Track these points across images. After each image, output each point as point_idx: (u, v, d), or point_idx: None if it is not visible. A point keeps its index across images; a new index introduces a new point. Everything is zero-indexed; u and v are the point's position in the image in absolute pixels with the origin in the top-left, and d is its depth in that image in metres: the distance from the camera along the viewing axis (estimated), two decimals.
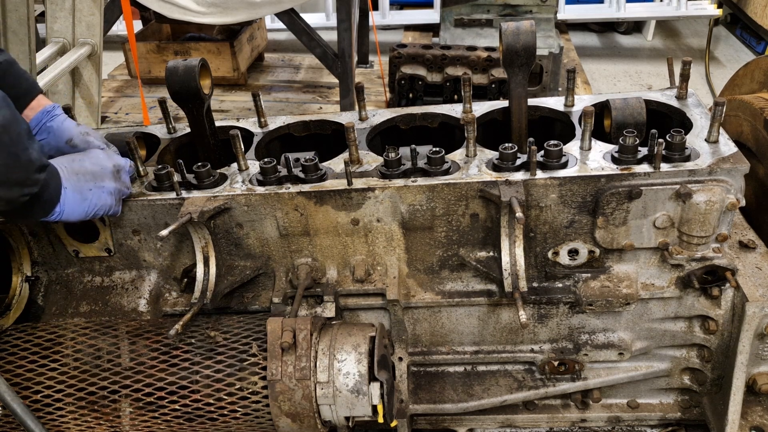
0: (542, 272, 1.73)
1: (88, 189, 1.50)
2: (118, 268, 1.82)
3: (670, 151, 1.55)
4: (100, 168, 1.54)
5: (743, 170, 1.52)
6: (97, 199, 1.52)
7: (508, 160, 1.60)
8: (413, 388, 1.87)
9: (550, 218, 1.63)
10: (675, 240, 1.61)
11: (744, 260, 1.70)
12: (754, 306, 1.58)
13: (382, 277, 1.73)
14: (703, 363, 1.76)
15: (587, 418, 1.92)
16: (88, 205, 1.50)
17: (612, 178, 1.55)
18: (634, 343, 1.77)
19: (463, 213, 1.65)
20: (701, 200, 1.51)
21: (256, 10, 3.82)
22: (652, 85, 5.30)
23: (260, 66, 5.26)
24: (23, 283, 1.80)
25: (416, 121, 1.95)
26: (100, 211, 1.54)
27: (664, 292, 1.68)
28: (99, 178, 1.53)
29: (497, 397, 1.84)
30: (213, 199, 1.64)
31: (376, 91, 4.74)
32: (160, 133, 1.99)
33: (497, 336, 1.83)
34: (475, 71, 3.75)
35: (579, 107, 1.86)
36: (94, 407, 1.61)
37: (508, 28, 1.67)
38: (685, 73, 1.76)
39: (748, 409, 1.75)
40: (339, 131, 1.93)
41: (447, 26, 4.46)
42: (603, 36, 6.32)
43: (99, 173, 1.53)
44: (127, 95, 4.85)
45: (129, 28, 3.70)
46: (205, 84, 1.76)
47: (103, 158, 1.57)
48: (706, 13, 5.66)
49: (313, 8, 5.90)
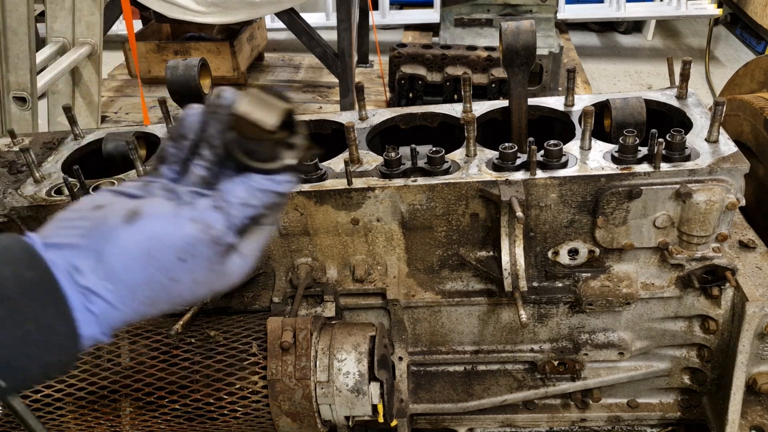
0: (542, 272, 1.73)
1: (154, 300, 0.81)
2: None
3: (670, 151, 1.55)
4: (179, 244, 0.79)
5: (743, 170, 1.52)
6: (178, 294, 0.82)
7: (508, 160, 1.60)
8: (413, 388, 1.87)
9: (550, 218, 1.63)
10: (675, 240, 1.61)
11: (744, 260, 1.70)
12: (754, 305, 1.58)
13: (382, 277, 1.73)
14: (703, 363, 1.76)
15: (587, 418, 1.92)
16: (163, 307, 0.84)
17: (612, 177, 1.55)
18: (634, 343, 1.77)
19: (463, 212, 1.65)
20: (701, 200, 1.51)
21: (256, 9, 3.82)
22: (652, 84, 5.30)
23: (260, 66, 5.27)
24: None
25: (416, 120, 1.95)
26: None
27: (664, 292, 1.68)
28: (172, 269, 0.79)
29: (497, 397, 1.84)
30: None
31: (376, 90, 4.74)
32: (160, 133, 1.99)
33: (497, 336, 1.83)
34: (475, 71, 3.75)
35: (579, 107, 1.86)
36: (94, 406, 1.61)
37: (508, 27, 1.67)
38: (685, 72, 1.76)
39: (748, 408, 1.75)
40: (339, 131, 1.93)
41: (447, 26, 4.46)
42: (603, 36, 6.32)
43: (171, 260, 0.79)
44: (127, 95, 4.85)
45: (129, 27, 3.70)
46: (205, 84, 1.76)
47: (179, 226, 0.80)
48: (706, 13, 5.66)
49: (313, 8, 5.90)
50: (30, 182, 1.77)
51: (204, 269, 0.80)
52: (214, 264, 0.81)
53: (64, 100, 3.50)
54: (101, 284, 0.76)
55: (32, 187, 1.75)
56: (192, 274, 0.79)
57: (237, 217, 0.82)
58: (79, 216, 0.79)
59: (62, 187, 1.72)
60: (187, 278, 0.79)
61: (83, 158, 1.93)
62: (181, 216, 0.79)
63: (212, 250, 0.80)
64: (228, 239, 0.82)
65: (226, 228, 0.81)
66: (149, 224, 0.77)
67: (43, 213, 1.69)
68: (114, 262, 0.76)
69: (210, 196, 0.82)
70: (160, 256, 0.77)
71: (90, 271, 0.76)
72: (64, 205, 1.67)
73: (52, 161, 1.88)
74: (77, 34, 3.38)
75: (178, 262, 0.78)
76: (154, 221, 0.78)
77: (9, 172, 1.86)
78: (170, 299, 0.81)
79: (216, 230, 0.80)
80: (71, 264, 0.76)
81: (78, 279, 0.76)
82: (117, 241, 0.76)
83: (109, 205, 0.80)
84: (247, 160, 0.83)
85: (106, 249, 0.76)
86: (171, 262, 0.78)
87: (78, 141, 1.97)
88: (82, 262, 0.76)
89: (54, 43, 3.36)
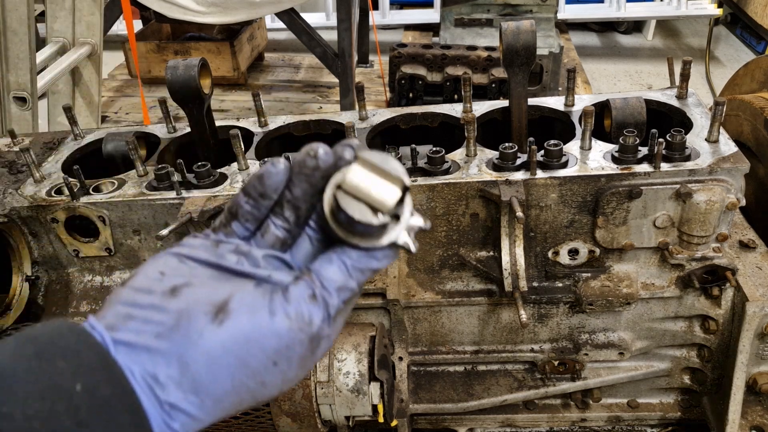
0: (542, 272, 1.73)
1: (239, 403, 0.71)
2: (118, 268, 1.82)
3: (671, 151, 1.55)
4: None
5: (743, 170, 1.52)
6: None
7: (508, 160, 1.60)
8: (413, 388, 1.87)
9: (551, 218, 1.63)
10: (675, 240, 1.61)
11: (744, 260, 1.70)
12: (754, 306, 1.58)
13: (382, 277, 1.73)
14: (703, 363, 1.76)
15: (587, 418, 1.92)
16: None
17: (612, 177, 1.55)
18: (634, 343, 1.77)
19: (463, 212, 1.65)
20: (701, 200, 1.51)
21: (257, 9, 3.82)
22: (653, 84, 5.30)
23: (260, 65, 5.26)
24: (23, 282, 1.80)
25: (416, 120, 1.95)
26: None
27: (664, 292, 1.68)
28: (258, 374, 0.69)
29: (497, 397, 1.84)
30: (213, 199, 1.64)
31: (376, 90, 4.74)
32: (160, 133, 1.99)
33: (497, 336, 1.83)
34: (475, 71, 3.75)
35: (579, 107, 1.86)
36: None
37: (509, 27, 1.67)
38: (685, 72, 1.76)
39: (748, 408, 1.75)
40: (339, 131, 1.93)
41: (447, 26, 4.46)
42: (603, 35, 6.32)
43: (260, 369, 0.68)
44: (127, 95, 4.85)
45: (129, 27, 3.70)
46: (205, 83, 1.76)
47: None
48: (706, 13, 5.65)
49: (313, 8, 5.90)
50: (30, 182, 1.77)
51: (297, 368, 0.69)
52: (307, 360, 0.70)
53: (64, 100, 3.50)
54: (186, 399, 0.64)
55: (32, 187, 1.75)
56: (284, 375, 0.69)
57: (334, 306, 0.70)
58: (151, 304, 0.67)
59: (62, 187, 1.72)
60: (278, 380, 0.68)
61: (83, 158, 1.93)
62: (275, 313, 0.67)
63: (309, 349, 0.69)
64: (325, 333, 0.70)
65: (324, 322, 0.69)
66: (240, 324, 0.66)
67: (43, 213, 1.69)
68: (200, 371, 0.64)
69: (302, 278, 0.70)
70: (252, 362, 0.66)
71: (173, 384, 0.64)
72: (63, 205, 1.68)
73: (53, 161, 1.88)
74: (77, 34, 3.38)
75: (271, 366, 0.67)
76: (244, 320, 0.66)
77: (9, 172, 1.86)
78: (255, 401, 0.70)
79: (315, 326, 0.68)
80: (150, 373, 0.63)
81: (160, 394, 0.63)
82: (203, 346, 0.64)
83: (188, 290, 0.68)
84: (346, 236, 0.69)
85: (190, 355, 0.64)
86: (263, 366, 0.67)
87: (78, 141, 1.97)
88: (162, 371, 0.64)
89: (54, 43, 3.36)
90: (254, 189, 0.74)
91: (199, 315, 0.65)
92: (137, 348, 0.63)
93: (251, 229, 0.75)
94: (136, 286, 0.68)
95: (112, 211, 1.69)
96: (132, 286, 0.69)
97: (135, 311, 0.66)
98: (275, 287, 0.69)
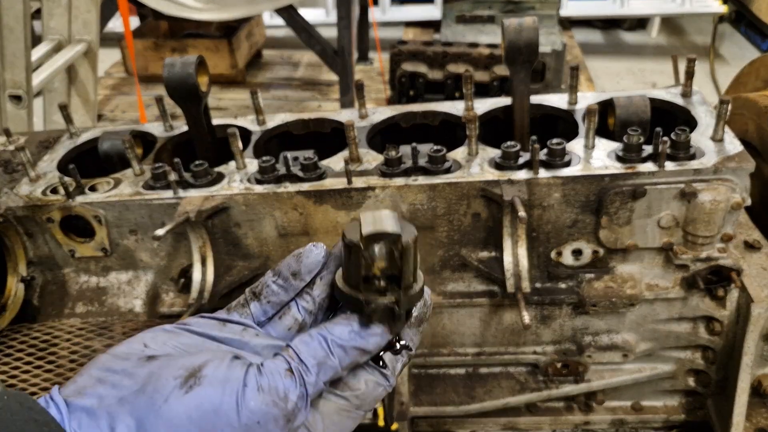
0: (545, 273, 1.70)
1: None
2: (114, 269, 1.79)
3: (675, 150, 1.52)
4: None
5: (749, 169, 1.49)
6: None
7: (510, 159, 1.57)
8: (414, 390, 1.85)
9: (553, 218, 1.61)
10: (679, 240, 1.59)
11: (749, 260, 1.68)
12: (759, 307, 1.56)
13: None
14: (708, 364, 1.74)
15: (591, 421, 1.90)
16: None
17: (616, 177, 1.52)
18: (639, 345, 1.75)
19: (464, 212, 1.63)
20: (706, 199, 1.48)
21: (255, 6, 3.80)
22: (657, 82, 5.28)
23: (259, 63, 5.24)
24: (19, 283, 1.78)
25: (417, 119, 1.92)
26: None
27: (668, 293, 1.66)
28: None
29: (499, 400, 1.82)
30: (210, 199, 1.61)
31: (376, 88, 4.71)
32: (156, 132, 1.97)
33: (499, 337, 1.80)
34: (477, 68, 3.73)
35: (582, 105, 1.83)
36: None
37: (511, 24, 1.64)
38: (689, 70, 1.74)
39: (753, 411, 1.73)
40: (338, 129, 1.91)
41: (448, 23, 4.44)
42: (606, 33, 6.29)
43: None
44: (124, 93, 4.83)
45: (126, 25, 3.68)
46: (202, 81, 1.73)
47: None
48: (710, 10, 5.63)
49: (312, 4, 5.87)
50: (26, 181, 1.75)
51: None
52: None
53: (60, 99, 3.47)
54: None
55: (28, 186, 1.73)
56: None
57: (312, 384, 0.66)
58: (123, 369, 0.65)
59: (58, 187, 1.70)
60: None
61: (79, 157, 1.91)
62: (248, 384, 0.63)
63: (283, 429, 0.64)
64: (302, 413, 0.65)
65: (301, 399, 0.65)
66: (209, 393, 0.61)
67: (39, 213, 1.67)
68: None
69: (279, 353, 0.68)
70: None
71: None
72: (59, 205, 1.66)
73: (48, 160, 1.86)
74: (73, 32, 3.35)
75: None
76: (215, 389, 0.62)
77: (4, 172, 1.84)
78: None
79: (291, 402, 0.64)
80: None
81: None
82: (166, 414, 0.61)
83: (165, 358, 0.65)
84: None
85: (150, 421, 0.60)
86: None
87: (74, 140, 1.95)
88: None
89: (50, 41, 3.33)
90: (288, 268, 0.74)
91: (168, 379, 0.63)
92: (97, 414, 0.61)
93: (270, 313, 0.73)
94: (116, 352, 0.68)
95: (108, 211, 1.67)
96: (112, 353, 0.68)
97: (107, 376, 0.65)
98: (254, 360, 0.67)
